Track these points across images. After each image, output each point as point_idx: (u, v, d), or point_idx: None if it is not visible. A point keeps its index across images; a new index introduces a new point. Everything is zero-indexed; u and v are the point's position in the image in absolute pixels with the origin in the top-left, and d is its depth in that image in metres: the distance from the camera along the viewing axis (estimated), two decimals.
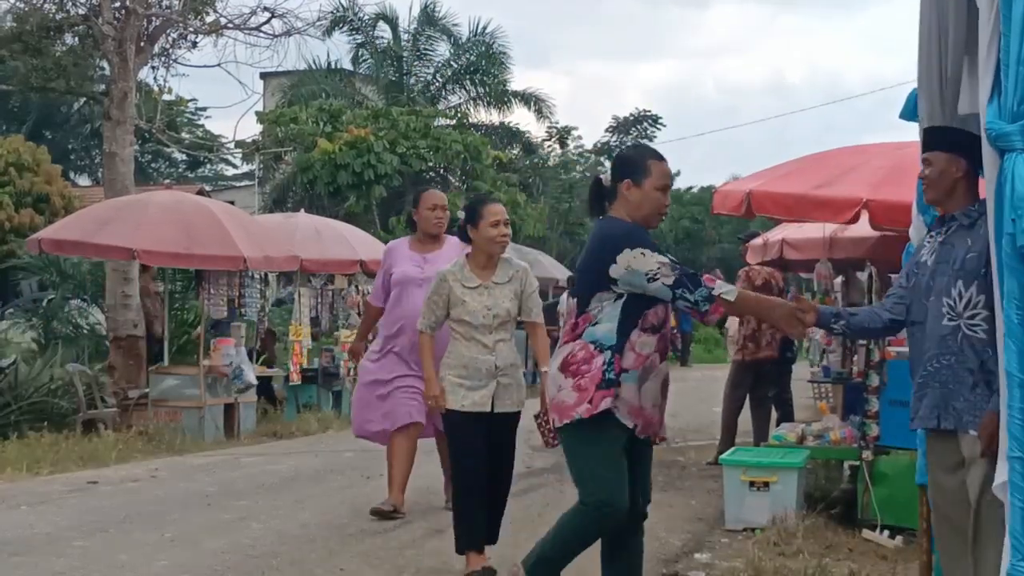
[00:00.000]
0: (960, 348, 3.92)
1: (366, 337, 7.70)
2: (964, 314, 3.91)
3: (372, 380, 7.09)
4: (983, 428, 3.82)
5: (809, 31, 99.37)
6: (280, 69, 17.14)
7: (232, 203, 19.35)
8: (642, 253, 4.19)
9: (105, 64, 14.37)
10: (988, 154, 3.15)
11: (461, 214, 5.61)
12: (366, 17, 29.65)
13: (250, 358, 12.41)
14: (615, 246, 4.24)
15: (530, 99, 30.50)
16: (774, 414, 9.95)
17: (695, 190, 41.08)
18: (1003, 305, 3.10)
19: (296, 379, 13.57)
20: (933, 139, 4.12)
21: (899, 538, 6.22)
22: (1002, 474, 3.17)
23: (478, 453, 5.45)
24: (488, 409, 5.43)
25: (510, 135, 30.56)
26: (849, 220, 7.57)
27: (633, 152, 4.50)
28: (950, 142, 4.03)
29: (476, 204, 5.66)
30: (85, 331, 15.08)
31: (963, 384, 3.90)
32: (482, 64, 30.19)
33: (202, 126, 36.71)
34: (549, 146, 31.67)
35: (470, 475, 5.47)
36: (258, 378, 12.50)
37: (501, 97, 30.37)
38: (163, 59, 14.64)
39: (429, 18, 30.45)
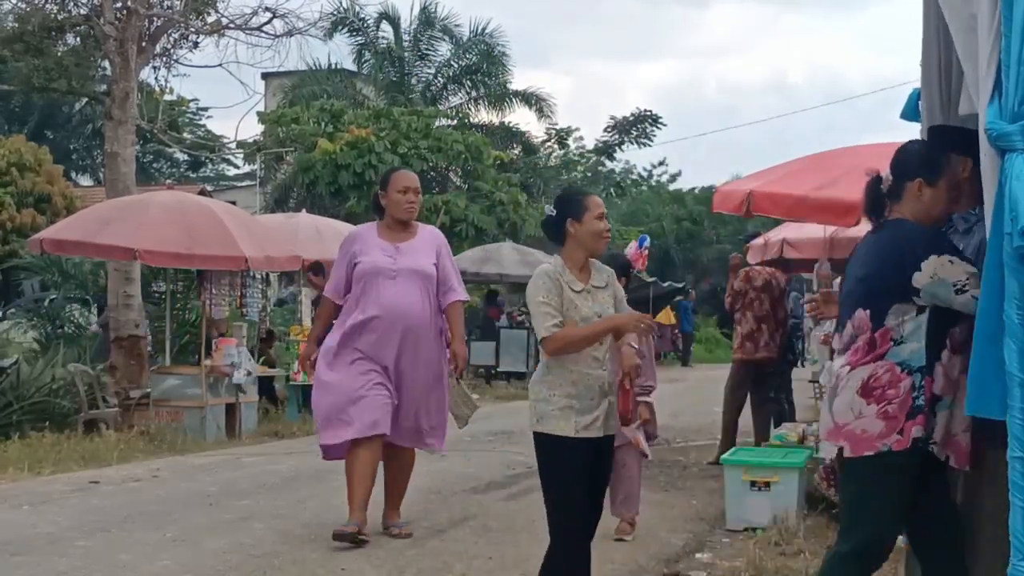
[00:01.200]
0: None
1: (319, 340, 6.46)
2: None
3: (332, 388, 6.24)
4: None
5: (810, 31, 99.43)
6: (281, 69, 17.15)
7: (233, 203, 19.39)
8: (950, 261, 3.73)
9: (106, 64, 14.38)
10: (986, 155, 3.16)
11: (550, 209, 4.81)
12: (368, 18, 29.72)
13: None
14: (919, 252, 3.77)
15: (531, 99, 30.52)
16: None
17: (696, 190, 41.11)
18: (1003, 305, 3.10)
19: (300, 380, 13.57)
20: (938, 139, 4.09)
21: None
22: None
23: (583, 492, 4.59)
24: (601, 434, 4.60)
25: (510, 135, 30.58)
26: (851, 224, 7.57)
27: (923, 148, 3.98)
28: (953, 142, 3.98)
29: (578, 196, 4.88)
30: (87, 331, 15.10)
31: None
32: (483, 65, 30.22)
33: (204, 126, 36.80)
34: (549, 146, 31.70)
35: (578, 520, 4.60)
36: (260, 378, 12.52)
37: (502, 97, 30.40)
38: (164, 59, 14.65)
39: (429, 19, 30.47)
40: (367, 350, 6.17)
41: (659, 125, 33.31)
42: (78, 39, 14.67)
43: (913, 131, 4.58)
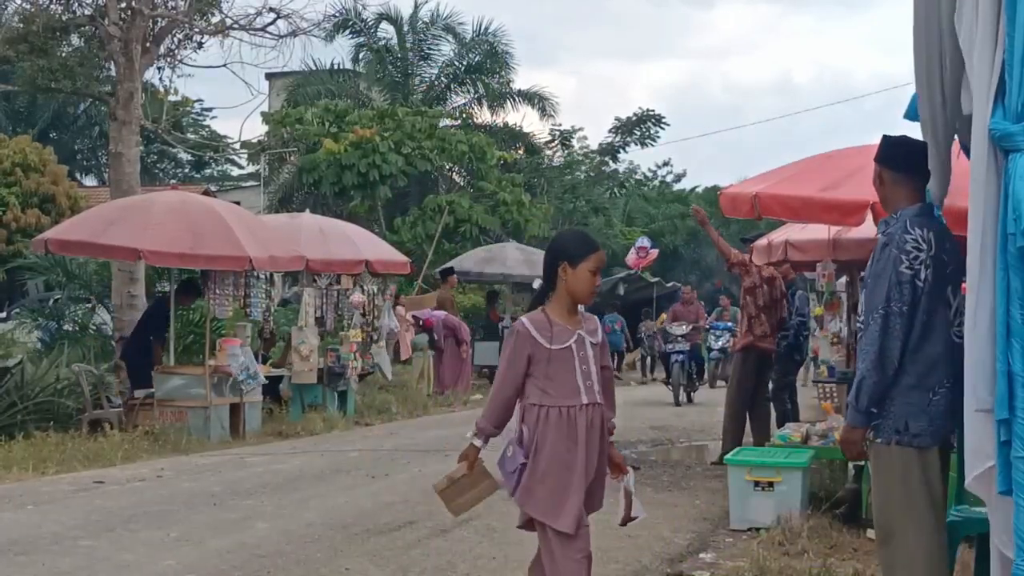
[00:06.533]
0: None
1: None
2: None
3: None
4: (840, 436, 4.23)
5: (816, 30, 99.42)
6: (285, 69, 17.18)
7: (238, 203, 19.39)
8: None
9: (111, 65, 14.41)
10: (979, 156, 3.15)
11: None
12: (369, 19, 29.73)
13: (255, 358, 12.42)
14: None
15: (534, 98, 30.52)
16: (773, 414, 9.94)
17: (700, 190, 41.09)
18: (1007, 306, 3.10)
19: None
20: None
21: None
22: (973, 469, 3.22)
23: None
24: None
25: (514, 135, 30.60)
26: (857, 223, 7.56)
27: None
28: (879, 151, 4.30)
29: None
30: (91, 331, 15.12)
31: None
32: (487, 64, 30.22)
33: (208, 126, 36.86)
34: (553, 147, 31.72)
35: None
36: (264, 378, 12.53)
37: (506, 97, 30.41)
38: (169, 60, 14.70)
39: (432, 18, 30.51)
40: None
41: (662, 125, 33.33)
42: (83, 40, 14.71)
43: (916, 130, 4.58)
